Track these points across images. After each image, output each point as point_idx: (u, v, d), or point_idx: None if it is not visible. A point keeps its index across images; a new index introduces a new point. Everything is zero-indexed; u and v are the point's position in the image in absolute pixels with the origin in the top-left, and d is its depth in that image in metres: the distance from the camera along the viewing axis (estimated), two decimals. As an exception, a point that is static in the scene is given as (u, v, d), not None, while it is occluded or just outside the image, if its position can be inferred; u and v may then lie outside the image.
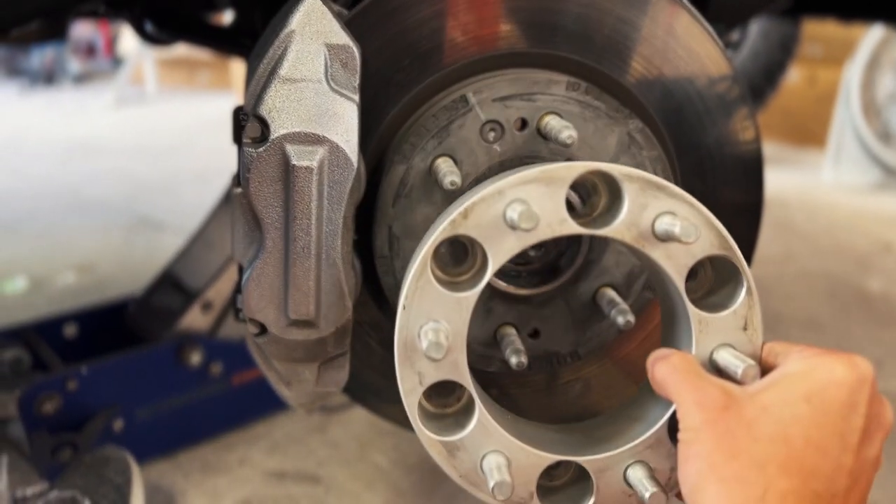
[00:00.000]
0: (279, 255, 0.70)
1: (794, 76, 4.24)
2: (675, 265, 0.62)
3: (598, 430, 0.71)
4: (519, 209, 0.59)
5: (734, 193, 0.88)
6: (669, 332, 0.69)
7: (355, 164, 0.69)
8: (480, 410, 0.64)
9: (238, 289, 0.74)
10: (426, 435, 0.64)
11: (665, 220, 0.61)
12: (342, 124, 0.69)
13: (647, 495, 0.63)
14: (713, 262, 0.64)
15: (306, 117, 0.68)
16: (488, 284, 0.81)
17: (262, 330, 0.73)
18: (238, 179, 0.72)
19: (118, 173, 3.85)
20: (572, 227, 0.62)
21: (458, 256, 0.67)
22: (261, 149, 0.68)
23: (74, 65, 7.28)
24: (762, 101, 3.70)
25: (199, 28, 1.42)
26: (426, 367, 0.63)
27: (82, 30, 7.46)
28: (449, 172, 0.70)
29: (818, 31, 4.12)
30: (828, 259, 2.73)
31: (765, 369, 0.62)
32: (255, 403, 1.59)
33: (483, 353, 0.79)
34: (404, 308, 0.62)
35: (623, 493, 0.65)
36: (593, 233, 0.62)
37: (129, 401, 1.42)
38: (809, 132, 4.43)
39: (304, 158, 0.68)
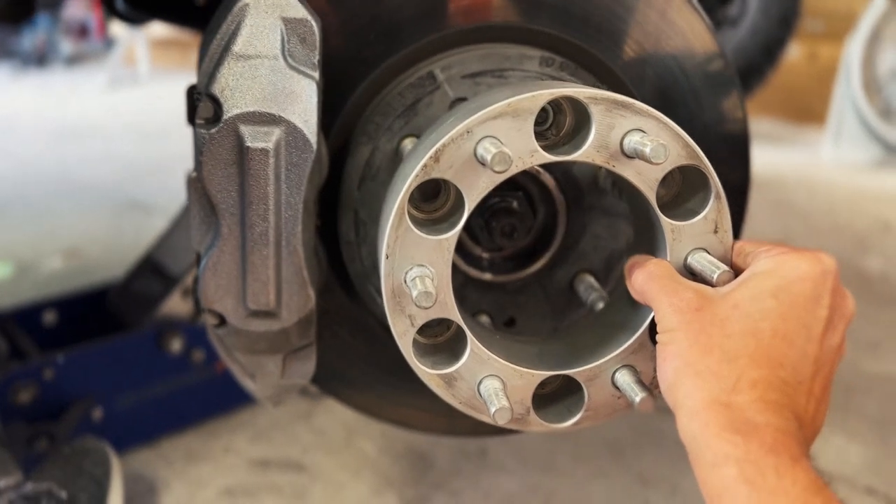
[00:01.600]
0: (236, 242, 0.66)
1: (794, 52, 4.17)
2: (645, 180, 0.63)
3: (583, 337, 0.73)
4: (492, 150, 0.59)
5: (720, 172, 0.84)
6: (644, 240, 0.70)
7: (315, 146, 0.65)
8: (472, 341, 0.66)
9: (196, 278, 0.70)
10: (423, 371, 0.66)
11: (634, 138, 0.62)
12: (300, 103, 0.65)
13: (636, 399, 0.66)
14: (682, 168, 0.65)
15: (261, 96, 0.64)
16: (461, 272, 0.78)
17: (222, 321, 0.69)
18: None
19: (109, 156, 3.80)
20: (543, 157, 0.62)
21: (430, 192, 0.67)
22: (213, 130, 0.64)
23: (66, 46, 7.20)
24: (762, 78, 3.64)
25: (172, 6, 1.38)
26: (417, 311, 0.64)
27: (74, 10, 7.38)
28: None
29: (819, 5, 4.05)
30: (826, 238, 2.69)
31: (735, 269, 0.64)
32: (239, 390, 1.55)
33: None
34: (387, 257, 0.63)
35: (612, 395, 0.68)
36: (564, 159, 0.62)
37: (108, 389, 1.39)
38: (810, 110, 4.37)
39: (259, 140, 0.64)
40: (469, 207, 0.62)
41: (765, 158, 3.62)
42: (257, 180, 0.64)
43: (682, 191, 0.68)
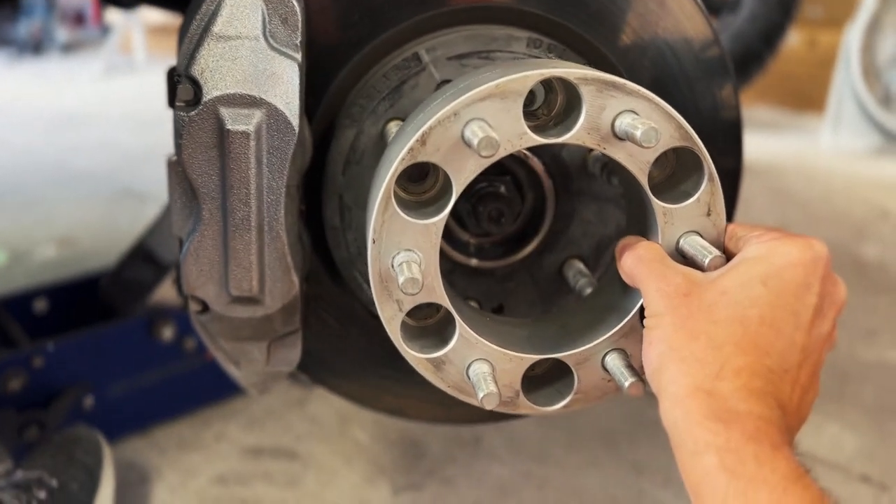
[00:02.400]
0: (217, 227, 0.65)
1: (793, 39, 4.14)
2: (636, 162, 0.62)
3: (574, 320, 0.72)
4: (478, 133, 0.57)
5: (713, 159, 0.83)
6: (636, 223, 0.69)
7: (296, 129, 0.64)
8: (461, 325, 0.65)
9: (177, 264, 0.69)
10: (412, 355, 0.66)
11: (625, 119, 0.60)
12: (282, 85, 0.63)
13: (626, 384, 0.65)
14: (675, 151, 0.64)
15: (241, 78, 0.63)
16: (448, 258, 0.77)
17: (204, 307, 0.68)
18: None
19: (104, 144, 3.78)
20: (532, 140, 0.60)
21: (418, 174, 0.66)
22: (193, 112, 0.63)
23: (62, 33, 7.15)
24: (761, 65, 3.61)
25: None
26: (404, 296, 0.63)
27: (70, -2, 7.32)
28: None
29: (819, -9, 4.02)
30: (824, 226, 2.68)
31: (727, 253, 0.64)
32: (231, 378, 1.55)
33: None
34: (374, 242, 0.62)
35: (602, 379, 0.68)
36: (554, 141, 0.61)
37: (99, 377, 1.38)
38: (808, 97, 4.35)
39: (240, 122, 0.63)
40: (457, 191, 0.61)
41: (763, 146, 3.61)
42: (238, 164, 0.63)
43: (675, 172, 0.66)
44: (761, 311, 0.56)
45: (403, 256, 0.61)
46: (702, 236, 0.64)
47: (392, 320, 0.64)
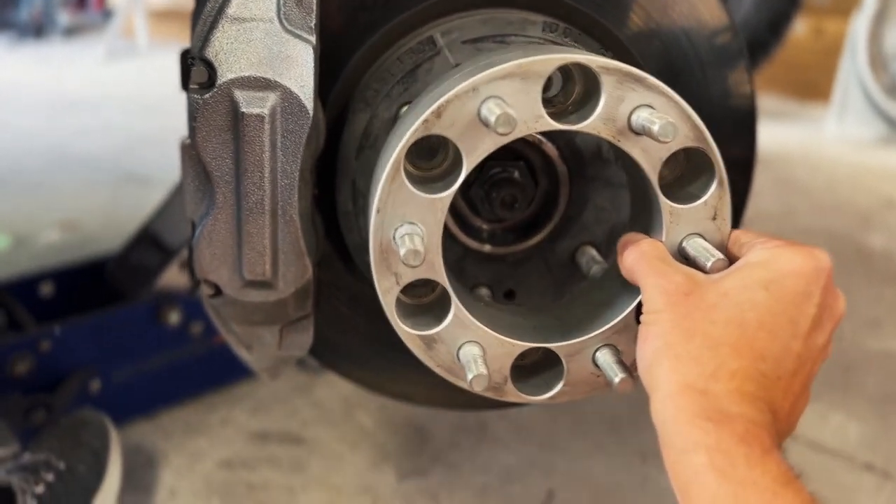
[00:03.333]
0: (231, 211, 0.65)
1: (799, 27, 4.11)
2: (649, 158, 0.62)
3: (568, 313, 0.72)
4: (496, 111, 0.56)
5: (725, 148, 0.83)
6: (640, 219, 0.69)
7: (311, 112, 0.64)
8: (456, 305, 0.64)
9: (190, 247, 0.69)
10: (404, 330, 0.65)
11: (642, 114, 0.60)
12: (296, 68, 0.63)
13: (615, 380, 0.65)
14: (687, 151, 0.63)
15: (256, 60, 0.62)
16: (460, 243, 0.77)
17: (217, 291, 0.68)
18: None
19: (106, 128, 3.77)
20: (548, 124, 0.60)
21: (428, 152, 0.65)
22: (207, 95, 0.62)
23: (64, 17, 7.11)
24: (767, 54, 3.59)
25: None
26: (403, 269, 0.63)
27: (72, -19, 7.28)
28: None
29: (826, -21, 3.99)
30: (829, 215, 2.67)
31: (731, 258, 0.63)
32: (238, 363, 1.54)
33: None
34: (378, 211, 0.61)
35: (592, 374, 0.68)
36: (570, 128, 0.61)
37: (105, 361, 1.38)
38: (814, 86, 4.33)
39: (254, 105, 0.62)
40: (467, 168, 0.60)
41: (768, 135, 3.58)
42: (252, 147, 0.63)
43: (685, 173, 0.66)
44: (760, 315, 0.56)
45: (406, 229, 0.61)
46: (705, 239, 0.64)
47: (388, 293, 0.64)
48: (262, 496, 1.29)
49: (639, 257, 0.62)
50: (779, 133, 3.68)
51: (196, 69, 0.62)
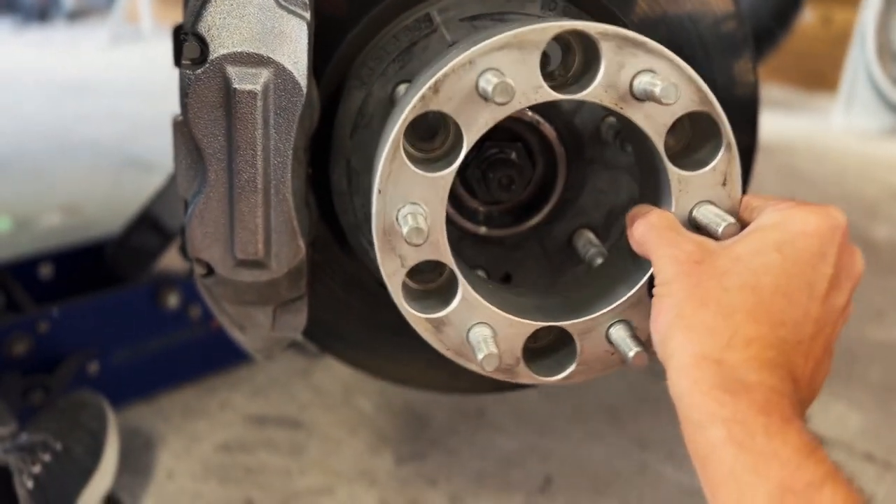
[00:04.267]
0: (223, 189, 0.64)
1: (807, 16, 4.07)
2: (654, 125, 0.60)
3: (579, 291, 0.71)
4: (493, 80, 0.55)
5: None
6: (649, 191, 0.67)
7: (304, 90, 0.63)
8: (463, 286, 0.63)
9: (183, 226, 0.68)
10: (412, 314, 0.64)
11: (644, 79, 0.58)
12: (290, 44, 0.62)
13: (630, 354, 0.63)
14: (692, 117, 0.62)
15: (249, 36, 0.61)
16: (457, 226, 0.76)
17: (209, 270, 0.68)
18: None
19: (109, 113, 3.76)
20: (548, 94, 0.59)
21: (428, 133, 0.65)
22: (199, 70, 0.61)
23: (69, 1, 7.09)
24: (774, 44, 3.55)
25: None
26: (407, 250, 0.61)
27: (77, -35, 7.25)
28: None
29: (836, -33, 3.95)
30: (835, 205, 2.66)
31: (742, 224, 0.61)
32: (237, 347, 1.54)
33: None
34: (380, 192, 0.60)
35: (606, 351, 0.66)
36: (570, 97, 0.59)
37: (104, 343, 1.38)
38: (822, 76, 4.29)
39: (247, 82, 0.61)
40: (468, 144, 0.59)
41: (774, 125, 3.56)
42: (245, 124, 0.62)
43: (691, 142, 0.64)
44: (775, 279, 0.53)
45: (409, 209, 0.60)
46: (716, 206, 0.62)
47: (394, 276, 0.62)
48: (259, 479, 1.29)
49: (647, 229, 0.60)
50: (785, 123, 3.65)
51: (188, 44, 0.62)
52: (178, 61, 0.65)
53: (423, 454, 1.34)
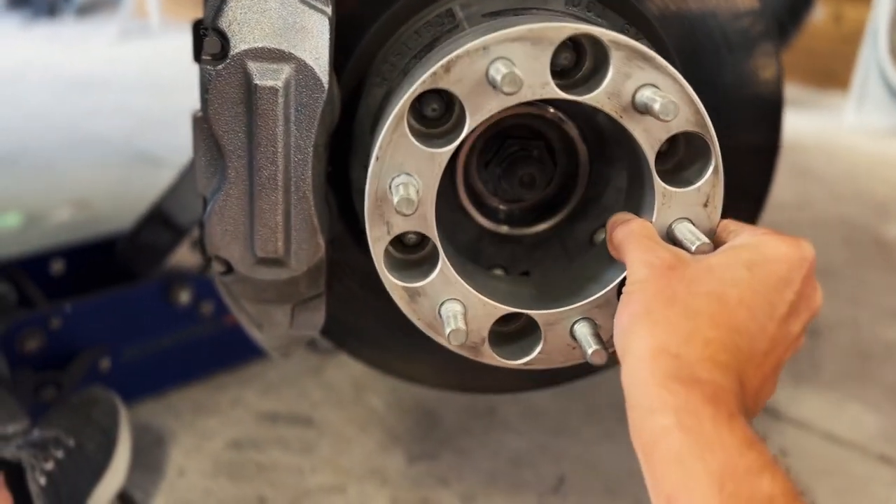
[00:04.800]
0: (243, 186, 0.63)
1: (818, 13, 4.05)
2: (649, 138, 0.63)
3: (553, 284, 0.74)
4: (503, 70, 0.57)
5: (749, 135, 0.81)
6: (633, 198, 0.70)
7: (326, 86, 0.62)
8: (443, 261, 0.66)
9: (202, 223, 0.68)
10: (390, 280, 0.66)
11: (646, 92, 0.60)
12: (311, 40, 0.61)
13: (589, 351, 0.66)
14: (687, 136, 0.64)
15: (270, 31, 0.60)
16: (477, 224, 0.75)
17: (228, 268, 0.67)
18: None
19: (118, 108, 3.76)
20: (554, 92, 0.61)
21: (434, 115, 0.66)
22: (220, 66, 0.61)
23: (78, -4, 7.09)
24: (785, 40, 3.54)
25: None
26: (395, 218, 0.64)
27: (85, -40, 7.25)
28: (432, 99, 0.63)
29: (848, -36, 3.92)
30: (845, 205, 2.64)
31: (718, 245, 0.64)
32: (248, 344, 1.53)
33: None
34: (377, 159, 0.62)
35: (568, 344, 0.69)
36: (574, 98, 0.61)
37: (115, 340, 1.37)
38: (833, 73, 4.26)
39: (268, 77, 0.61)
40: (469, 127, 0.60)
41: (786, 123, 3.54)
42: (266, 121, 0.61)
43: (682, 159, 0.66)
44: (741, 292, 0.57)
45: (403, 179, 0.61)
46: (694, 225, 0.65)
47: (378, 241, 0.64)
48: (271, 477, 1.28)
49: (627, 234, 0.63)
50: (796, 121, 3.62)
51: (209, 39, 0.61)
52: (197, 56, 0.64)
53: (435, 453, 1.33)
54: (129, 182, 2.69)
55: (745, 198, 0.83)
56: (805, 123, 3.63)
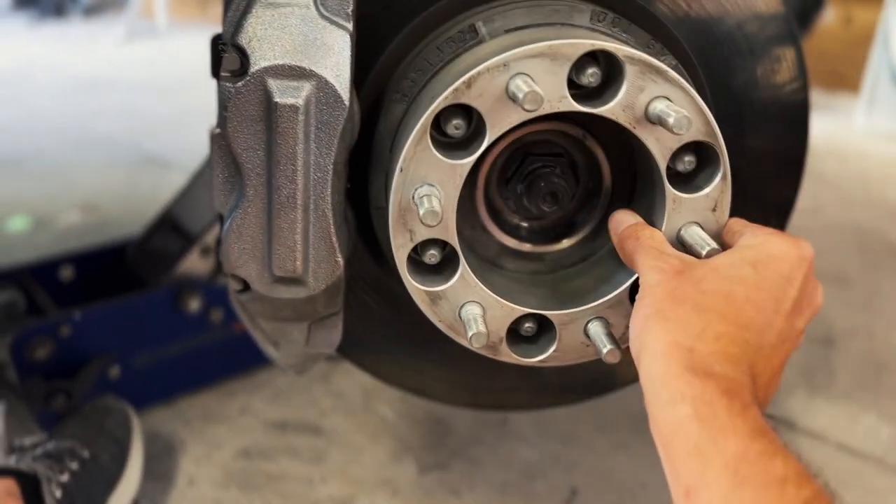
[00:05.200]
0: (261, 204, 0.62)
1: (828, 16, 4.02)
2: (661, 148, 0.65)
3: (567, 284, 0.77)
4: (523, 87, 0.60)
5: (774, 144, 0.80)
6: (643, 202, 0.72)
7: (347, 103, 0.61)
8: (463, 266, 0.68)
9: (219, 240, 0.66)
10: (412, 284, 0.69)
11: (660, 105, 0.63)
12: (332, 57, 0.60)
13: (604, 350, 0.69)
14: (697, 145, 0.67)
15: (291, 48, 0.59)
16: (497, 241, 0.74)
17: (245, 287, 0.66)
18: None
19: (126, 110, 3.76)
20: (571, 105, 0.63)
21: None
22: (239, 83, 0.60)
23: (84, -4, 7.10)
24: (795, 42, 3.51)
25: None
26: (419, 227, 0.66)
27: (92, -40, 7.25)
28: (454, 114, 0.62)
29: (858, -33, 3.89)
30: (857, 209, 2.62)
31: (724, 244, 0.68)
32: (257, 351, 1.52)
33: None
34: (401, 170, 0.64)
35: (582, 343, 0.72)
36: (591, 111, 0.64)
37: (125, 348, 1.37)
38: (843, 76, 4.24)
39: (289, 95, 0.60)
40: (489, 139, 0.63)
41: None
42: (285, 139, 0.60)
43: (693, 167, 0.68)
44: (747, 289, 0.59)
45: (426, 190, 0.64)
46: (703, 229, 0.68)
47: (401, 248, 0.66)
48: (280, 487, 1.27)
49: (637, 246, 0.66)
50: (806, 124, 3.61)
51: (228, 56, 0.60)
52: (216, 73, 0.63)
53: (446, 464, 1.32)
54: (137, 184, 2.68)
55: (767, 209, 0.82)
56: (816, 126, 3.59)
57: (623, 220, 0.69)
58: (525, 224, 0.75)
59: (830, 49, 4.24)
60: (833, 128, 3.68)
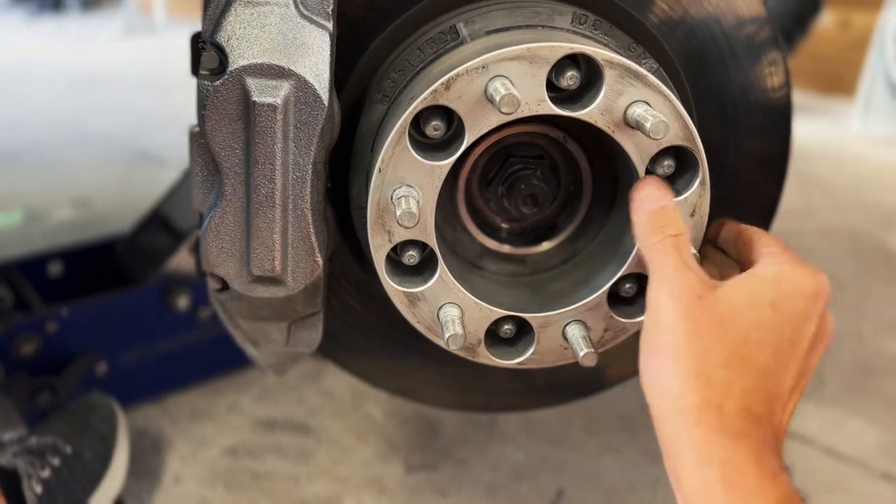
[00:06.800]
0: (240, 203, 0.62)
1: (825, 19, 4.03)
2: (640, 152, 0.65)
3: (546, 287, 0.76)
4: (501, 90, 0.60)
5: (757, 144, 0.79)
6: (624, 206, 0.70)
7: (326, 103, 0.61)
8: (442, 267, 0.68)
9: (197, 240, 0.66)
10: (391, 286, 0.68)
11: (638, 109, 0.62)
12: (312, 56, 0.60)
13: (581, 354, 0.69)
14: (677, 150, 0.66)
15: (270, 47, 0.59)
16: (478, 242, 0.74)
17: (224, 286, 0.66)
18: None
19: (122, 106, 3.76)
20: (549, 108, 0.63)
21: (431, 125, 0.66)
22: (218, 82, 0.59)
23: (83, -10, 7.08)
24: (791, 46, 3.52)
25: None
26: (397, 228, 0.66)
27: (91, -46, 7.23)
28: (433, 115, 0.62)
29: (856, -30, 3.90)
30: (851, 215, 2.62)
31: (737, 252, 0.68)
32: (246, 349, 1.54)
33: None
34: (379, 171, 0.64)
35: (560, 346, 0.72)
36: (569, 114, 0.63)
37: (112, 344, 1.37)
38: (839, 80, 4.24)
39: (267, 94, 0.59)
40: (468, 141, 0.62)
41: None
42: (264, 138, 0.60)
43: (672, 172, 0.67)
44: (767, 334, 0.58)
45: (404, 191, 0.64)
46: None
47: (380, 249, 0.66)
48: (266, 486, 1.27)
49: (659, 246, 0.62)
50: (801, 128, 3.60)
51: (207, 54, 0.59)
52: (195, 71, 0.63)
53: (434, 464, 1.32)
54: (131, 181, 2.68)
55: (752, 211, 0.82)
56: (810, 130, 3.61)
57: (650, 198, 0.65)
58: (506, 226, 0.75)
59: (827, 52, 4.25)
60: (828, 131, 3.68)
